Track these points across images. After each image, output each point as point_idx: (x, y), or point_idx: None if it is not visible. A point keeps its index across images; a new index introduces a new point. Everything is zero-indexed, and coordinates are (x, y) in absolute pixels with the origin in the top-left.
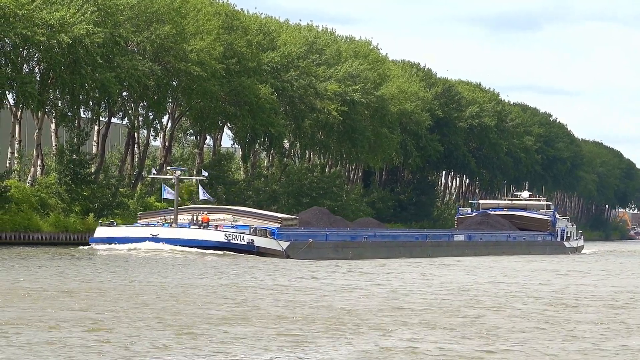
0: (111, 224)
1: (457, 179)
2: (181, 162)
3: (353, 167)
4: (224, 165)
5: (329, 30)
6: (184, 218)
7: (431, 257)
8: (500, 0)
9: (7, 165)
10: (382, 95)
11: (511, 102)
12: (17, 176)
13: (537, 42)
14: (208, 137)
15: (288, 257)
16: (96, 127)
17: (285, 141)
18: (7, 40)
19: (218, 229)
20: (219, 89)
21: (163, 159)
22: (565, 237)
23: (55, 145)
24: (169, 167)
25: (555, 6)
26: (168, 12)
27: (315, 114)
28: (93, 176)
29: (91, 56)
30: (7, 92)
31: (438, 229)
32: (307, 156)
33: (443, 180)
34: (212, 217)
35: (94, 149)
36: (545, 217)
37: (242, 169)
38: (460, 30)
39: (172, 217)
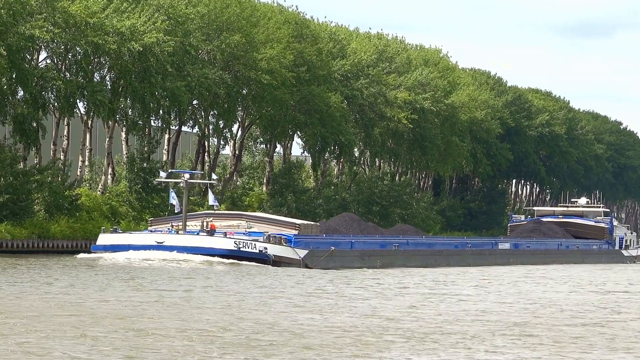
0: (114, 231)
1: (527, 187)
2: (251, 171)
3: (423, 175)
4: (294, 174)
5: (398, 38)
6: (195, 225)
7: (471, 266)
8: (571, 8)
9: (78, 173)
10: (452, 104)
11: (581, 110)
12: (87, 184)
13: (609, 50)
14: (278, 146)
15: (306, 266)
16: (166, 136)
17: (355, 149)
18: (78, 48)
19: (227, 236)
20: (289, 97)
21: (233, 168)
22: (623, 246)
23: (126, 153)
24: (171, 170)
25: (627, 14)
26: (238, 20)
27: (385, 122)
28: (163, 184)
29: (161, 65)
30: (78, 101)
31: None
32: (377, 164)
33: (513, 189)
34: (225, 223)
35: (164, 157)
36: (602, 225)
37: (312, 177)
38: (530, 38)
39: (179, 223)
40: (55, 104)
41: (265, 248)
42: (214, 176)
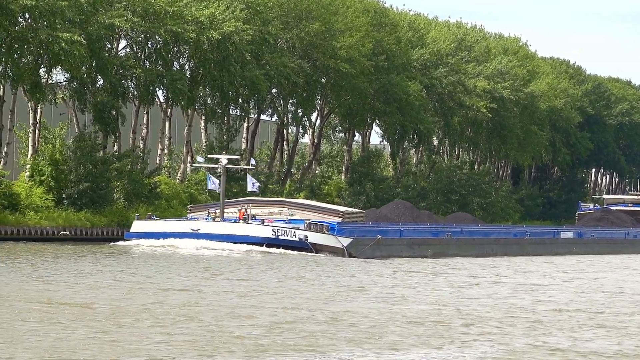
0: (149, 218)
1: (607, 176)
2: (330, 159)
3: (502, 164)
4: (373, 162)
5: (478, 27)
6: (234, 212)
7: (530, 255)
8: None
9: (157, 161)
10: (532, 92)
11: None
12: (167, 172)
13: None
14: (357, 134)
15: (350, 255)
16: (245, 124)
17: (434, 138)
18: (157, 37)
19: (265, 223)
20: (368, 85)
21: (312, 156)
22: None
23: (205, 142)
24: (209, 156)
25: None
26: (317, 9)
27: (464, 110)
28: (242, 173)
29: (240, 53)
30: (157, 89)
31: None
32: (456, 153)
33: (592, 178)
34: (266, 210)
35: (243, 146)
36: None
37: (390, 166)
38: (609, 27)
39: (218, 210)
40: (135, 92)
41: (306, 236)
42: (252, 161)
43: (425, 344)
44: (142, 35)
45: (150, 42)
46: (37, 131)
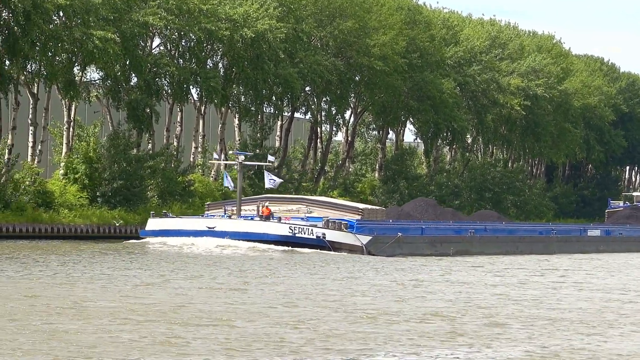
0: (165, 215)
1: None
2: (363, 157)
3: (536, 162)
4: (406, 160)
5: (511, 24)
6: (251, 209)
7: (556, 253)
8: None
9: (191, 159)
10: (566, 90)
11: None
12: (200, 171)
13: None
14: (390, 132)
15: (369, 253)
16: (279, 122)
17: (468, 136)
18: (191, 35)
19: (282, 220)
20: (402, 83)
21: (346, 154)
22: None
23: (239, 139)
24: (230, 152)
25: None
26: (351, 6)
27: (498, 108)
28: (276, 170)
29: (274, 51)
30: (191, 87)
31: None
32: (489, 151)
33: (626, 176)
34: (283, 207)
35: (277, 144)
36: None
37: (424, 163)
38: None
39: (234, 208)
40: (169, 90)
41: (324, 234)
42: (269, 157)
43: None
44: (176, 33)
45: (184, 40)
46: (71, 129)
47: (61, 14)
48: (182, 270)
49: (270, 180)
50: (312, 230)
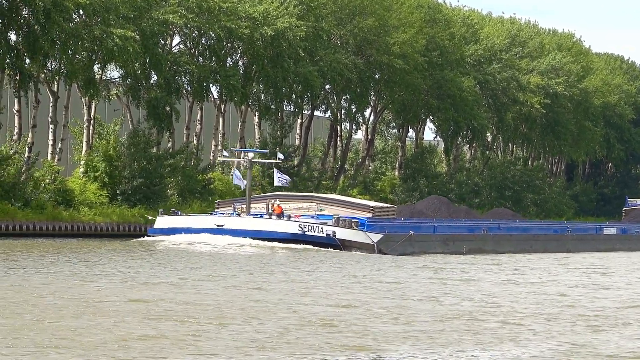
0: (174, 213)
1: None
2: (383, 155)
3: (556, 160)
4: (426, 158)
5: (531, 22)
6: (260, 207)
7: (571, 252)
8: None
9: (211, 158)
10: (586, 88)
11: None
12: (220, 169)
13: None
14: (410, 130)
15: (380, 251)
16: (299, 120)
17: (488, 134)
18: (211, 33)
19: (292, 218)
20: (422, 81)
21: (365, 152)
22: None
23: (258, 138)
24: (235, 149)
25: None
26: (371, 5)
27: (517, 106)
28: (296, 169)
29: (294, 49)
30: (211, 85)
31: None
32: (509, 149)
33: None
34: (293, 205)
35: (297, 142)
36: None
37: (444, 161)
38: None
39: (243, 205)
40: (189, 88)
41: (334, 232)
42: (279, 155)
43: None
44: (196, 31)
45: (204, 38)
46: (91, 127)
47: (81, 12)
48: (198, 268)
49: (279, 178)
50: (322, 228)
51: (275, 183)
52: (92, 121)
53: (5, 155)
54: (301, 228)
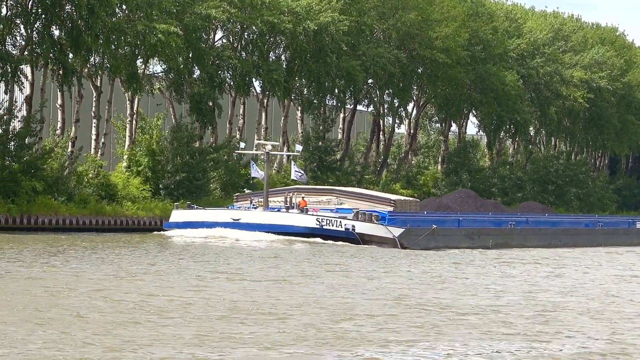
0: (189, 207)
1: None
2: (426, 149)
3: (599, 155)
4: (469, 153)
5: (574, 16)
6: (278, 201)
7: (602, 246)
8: None
9: (254, 152)
10: (629, 82)
11: None
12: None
13: None
14: (453, 124)
15: (402, 246)
16: (341, 114)
17: (531, 128)
18: (254, 27)
19: (309, 212)
20: (464, 76)
21: (408, 146)
22: None
23: (301, 132)
24: (258, 141)
25: None
26: None
27: (561, 100)
28: (338, 163)
29: (336, 44)
30: (253, 80)
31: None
32: (552, 143)
33: None
34: (313, 199)
35: (339, 136)
36: None
37: (487, 156)
38: None
39: (261, 199)
40: (231, 83)
41: (353, 226)
42: (297, 147)
43: None
44: (239, 26)
45: (246, 33)
46: (134, 122)
47: (124, 7)
48: (228, 264)
49: (295, 172)
50: (340, 222)
51: (292, 177)
52: (134, 116)
53: (49, 150)
54: (319, 222)
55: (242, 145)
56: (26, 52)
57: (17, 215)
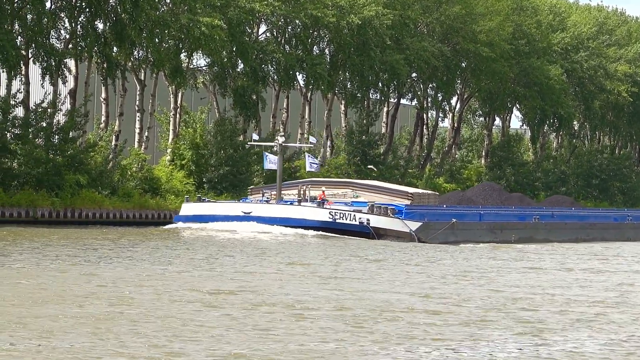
0: (199, 200)
1: None
2: (470, 143)
3: None
4: (513, 147)
5: (619, 10)
6: (292, 194)
7: (631, 240)
8: None
9: (297, 146)
10: None
11: None
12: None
13: None
14: (497, 118)
15: (419, 240)
16: (385, 108)
17: (575, 122)
18: (297, 21)
19: (323, 205)
20: (508, 69)
21: (452, 140)
22: None
23: (345, 126)
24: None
25: None
26: None
27: (605, 94)
28: (382, 157)
29: (380, 38)
30: (297, 74)
31: None
32: (596, 137)
33: None
34: (329, 192)
35: (383, 130)
36: None
37: (530, 150)
38: None
39: (274, 192)
40: (275, 76)
41: (368, 220)
42: (311, 139)
43: None
44: (282, 20)
45: (290, 27)
46: (177, 115)
47: (168, 0)
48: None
49: (310, 164)
50: (354, 215)
51: (307, 168)
52: (178, 109)
53: (92, 143)
54: (332, 215)
55: (255, 137)
56: (70, 46)
57: (61, 209)
